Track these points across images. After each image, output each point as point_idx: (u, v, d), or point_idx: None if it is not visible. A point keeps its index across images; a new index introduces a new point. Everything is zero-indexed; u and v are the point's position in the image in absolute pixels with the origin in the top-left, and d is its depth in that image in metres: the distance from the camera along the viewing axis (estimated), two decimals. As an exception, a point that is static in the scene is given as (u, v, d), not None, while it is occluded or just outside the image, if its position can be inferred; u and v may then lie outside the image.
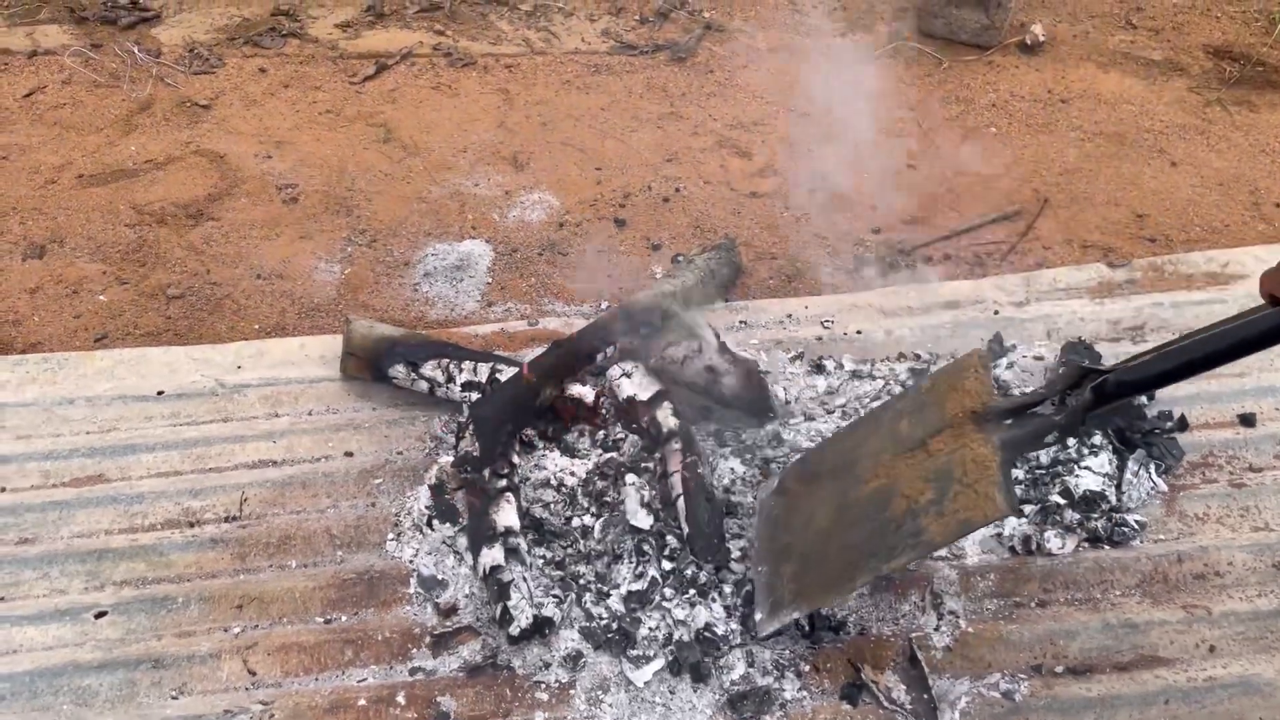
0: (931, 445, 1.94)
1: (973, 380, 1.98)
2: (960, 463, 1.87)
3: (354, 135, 3.59)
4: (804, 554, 2.03)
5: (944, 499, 1.84)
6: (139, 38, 4.02)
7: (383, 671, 2.09)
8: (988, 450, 1.85)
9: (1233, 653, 2.12)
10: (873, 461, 2.03)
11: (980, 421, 1.91)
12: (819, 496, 2.10)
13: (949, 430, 1.93)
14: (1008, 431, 1.89)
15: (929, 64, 4.00)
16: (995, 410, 1.92)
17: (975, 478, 1.82)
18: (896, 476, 1.96)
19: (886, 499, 1.94)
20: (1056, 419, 1.86)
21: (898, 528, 1.88)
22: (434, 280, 3.05)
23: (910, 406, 2.09)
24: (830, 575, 1.95)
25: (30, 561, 2.26)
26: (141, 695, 2.05)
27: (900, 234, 3.21)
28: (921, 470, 1.92)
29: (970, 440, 1.88)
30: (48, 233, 3.17)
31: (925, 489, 1.88)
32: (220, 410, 2.58)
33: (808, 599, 1.97)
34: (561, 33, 4.13)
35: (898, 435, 2.04)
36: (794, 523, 2.11)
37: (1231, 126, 3.69)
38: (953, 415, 1.95)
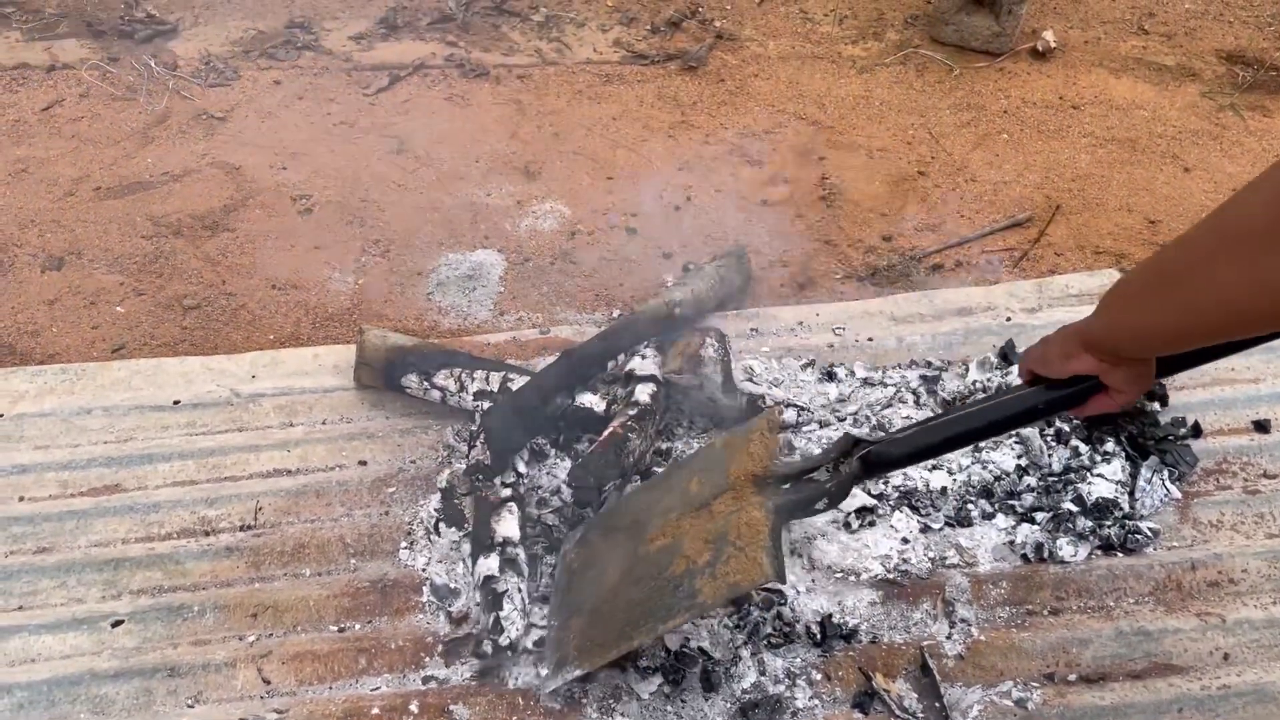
0: (714, 506, 1.95)
1: (758, 444, 1.99)
2: (736, 525, 1.88)
3: (367, 146, 3.62)
4: (593, 609, 2.02)
5: (718, 561, 1.85)
6: (155, 51, 4.06)
7: (396, 680, 2.10)
8: (761, 515, 1.87)
9: (1247, 660, 2.11)
10: (662, 520, 2.03)
11: (760, 485, 1.92)
12: (614, 552, 2.09)
13: (730, 492, 1.95)
14: (783, 496, 1.90)
15: (940, 71, 4.00)
16: (775, 475, 1.93)
17: (746, 541, 1.84)
18: (680, 536, 1.97)
19: (670, 558, 1.94)
20: (827, 485, 1.88)
21: (675, 588, 1.88)
22: (447, 290, 3.06)
23: (701, 465, 2.09)
24: (610, 633, 1.94)
25: (48, 570, 2.28)
26: (158, 704, 2.07)
27: (911, 241, 3.22)
28: (703, 531, 1.93)
29: (748, 504, 1.90)
30: (66, 244, 3.20)
31: (704, 550, 1.89)
32: (235, 420, 2.60)
33: (588, 657, 1.95)
34: (573, 43, 4.15)
35: (688, 494, 2.04)
36: (588, 577, 2.10)
37: (1245, 132, 3.68)
38: (735, 478, 1.96)
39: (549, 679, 2.01)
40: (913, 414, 2.51)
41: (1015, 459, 2.41)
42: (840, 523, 2.27)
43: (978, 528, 2.32)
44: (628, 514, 2.17)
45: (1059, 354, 1.61)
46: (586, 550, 2.18)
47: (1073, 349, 1.58)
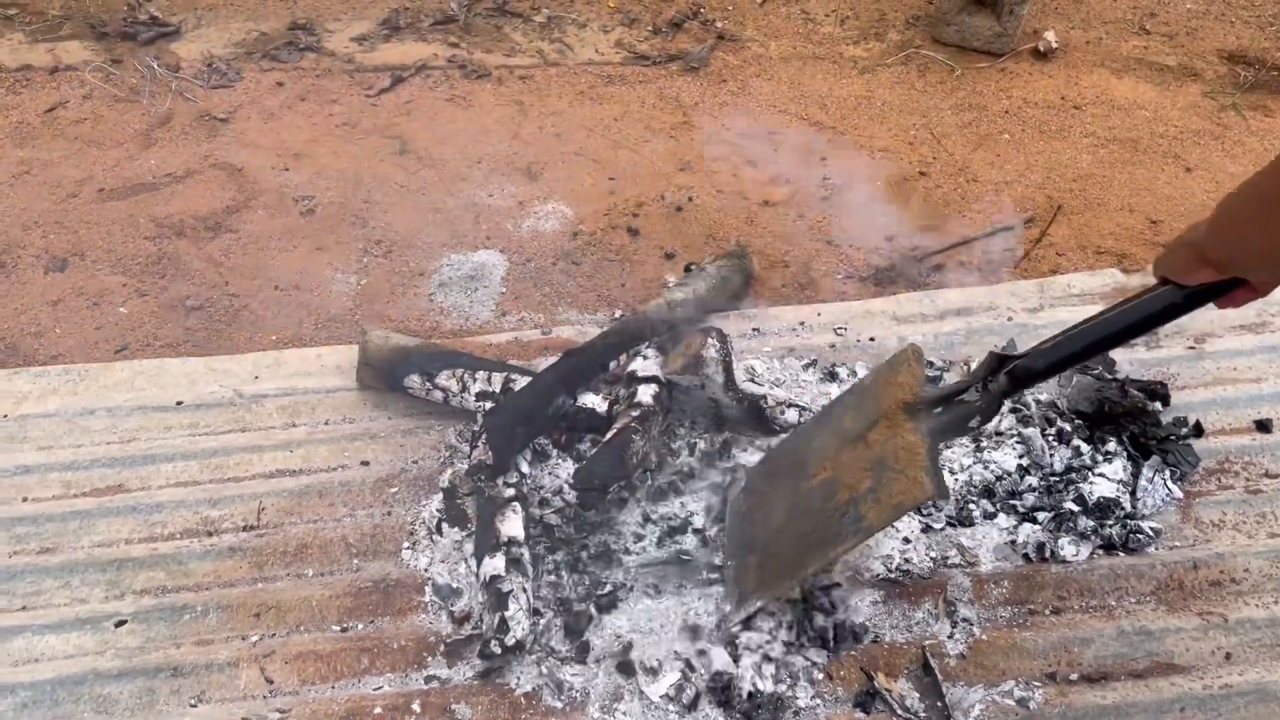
0: (869, 437, 2.06)
1: (905, 374, 2.09)
2: (893, 451, 1.99)
3: (370, 147, 3.63)
4: (765, 547, 2.16)
5: (879, 486, 1.96)
6: (158, 53, 4.07)
7: (398, 679, 2.11)
8: (916, 438, 1.97)
9: (1249, 660, 2.11)
10: (820, 456, 2.16)
11: (911, 412, 2.02)
12: (778, 493, 2.22)
13: (884, 422, 2.05)
14: (935, 420, 2.00)
15: (941, 71, 4.00)
16: (924, 400, 2.02)
17: (905, 464, 1.94)
18: (840, 468, 2.09)
19: (833, 490, 2.06)
20: (977, 404, 1.96)
21: (842, 516, 2.00)
22: (449, 290, 3.07)
23: (852, 402, 2.21)
24: (785, 565, 2.08)
25: (51, 571, 2.29)
26: (161, 703, 2.07)
27: (913, 241, 3.22)
28: (861, 461, 2.04)
29: (902, 430, 2.00)
30: (69, 246, 3.21)
31: (865, 478, 2.00)
32: (238, 420, 2.61)
33: (767, 589, 2.09)
34: (575, 44, 4.16)
35: (842, 430, 2.16)
36: (756, 518, 2.23)
37: (1246, 131, 3.67)
38: (887, 408, 2.06)
39: (733, 613, 2.12)
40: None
41: (1016, 459, 2.41)
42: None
43: (979, 527, 2.32)
44: (787, 456, 2.30)
45: (1183, 266, 1.64)
46: (752, 496, 2.30)
47: (1194, 263, 1.61)
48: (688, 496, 2.37)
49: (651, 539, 2.29)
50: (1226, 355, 2.69)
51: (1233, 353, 2.70)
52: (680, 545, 2.27)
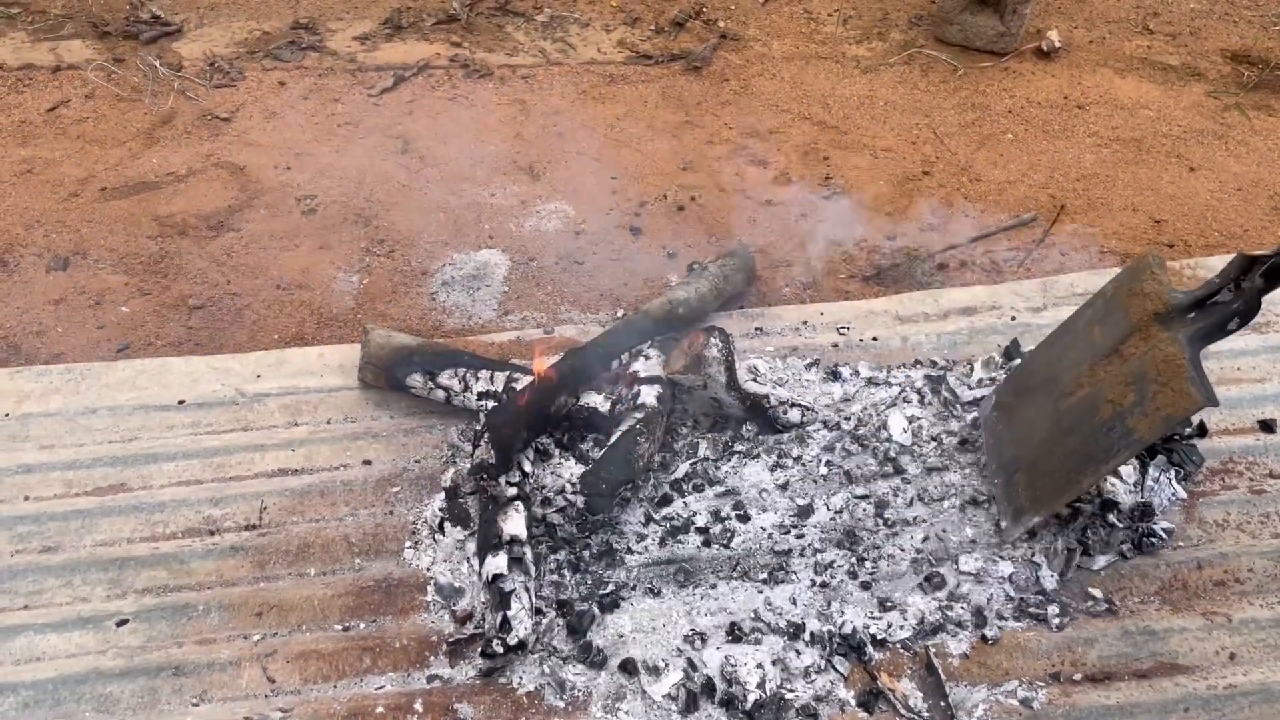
0: (1125, 350, 2.10)
1: (1150, 283, 2.13)
2: (1153, 363, 2.03)
3: (372, 146, 3.62)
4: (1032, 463, 2.21)
5: (1145, 399, 2.01)
6: (160, 52, 4.07)
7: (400, 679, 2.10)
8: (1175, 349, 2.00)
9: (1253, 660, 2.10)
10: (1075, 372, 2.20)
11: (1165, 321, 2.06)
12: (1034, 409, 2.27)
13: (1137, 334, 2.09)
14: (1191, 326, 2.03)
15: (944, 71, 4.00)
16: (1177, 307, 2.06)
17: (1169, 376, 1.98)
18: (1099, 383, 2.13)
19: (1095, 406, 2.11)
20: (1235, 306, 1.99)
21: (1109, 430, 2.05)
22: (451, 290, 3.07)
23: (1098, 315, 2.23)
24: (1059, 481, 2.14)
25: (54, 570, 2.29)
26: (163, 702, 2.07)
27: (916, 240, 3.21)
28: (1121, 375, 2.09)
29: (1158, 341, 2.04)
30: (71, 245, 3.21)
31: (1127, 392, 2.05)
32: (240, 419, 2.61)
33: (1044, 504, 2.16)
34: (577, 43, 4.15)
35: (1093, 344, 2.19)
36: (1015, 435, 2.29)
37: (1250, 131, 3.67)
38: (1138, 319, 2.11)
39: (1011, 528, 2.21)
40: (917, 413, 2.51)
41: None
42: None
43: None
44: (1036, 374, 2.34)
45: None
46: (1005, 413, 2.35)
47: None
48: (691, 497, 2.37)
49: (654, 539, 2.29)
50: (1230, 355, 2.68)
51: (1237, 353, 2.69)
52: (683, 545, 2.27)
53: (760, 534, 2.29)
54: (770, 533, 2.29)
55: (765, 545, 2.27)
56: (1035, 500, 2.17)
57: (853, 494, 2.36)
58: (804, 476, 2.39)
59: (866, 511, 2.32)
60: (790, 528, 2.30)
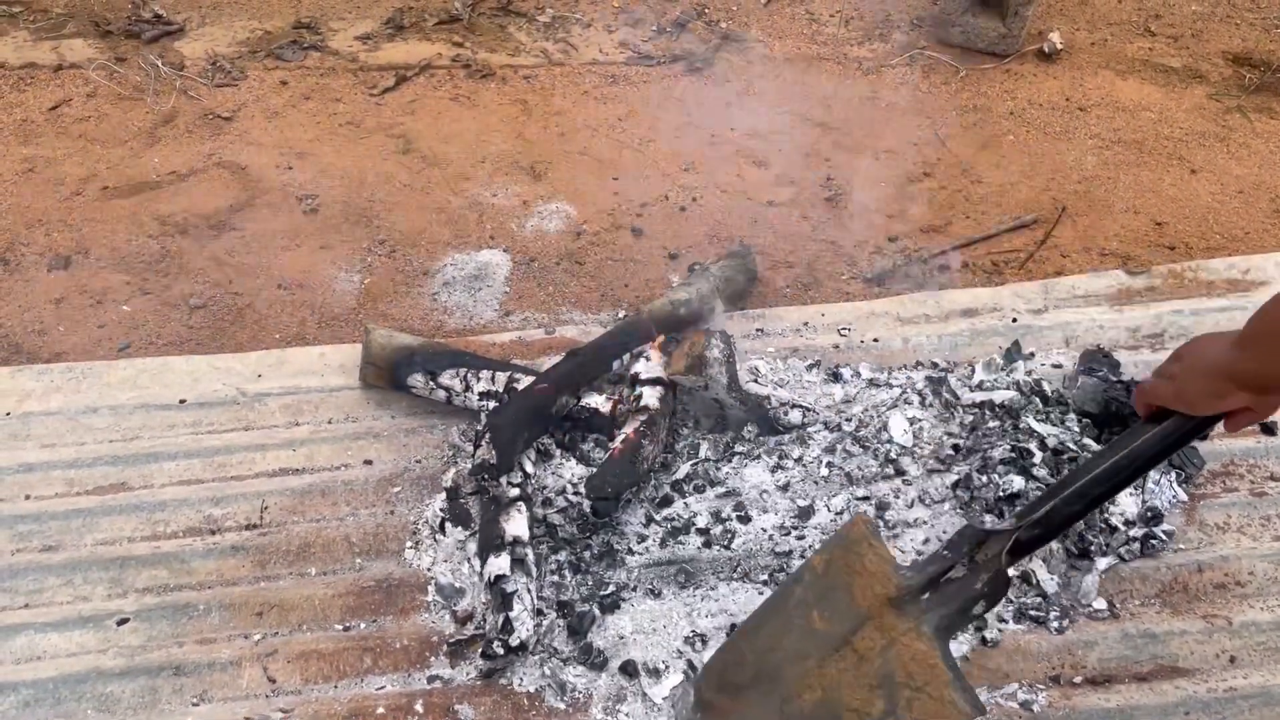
0: (858, 644, 1.74)
1: (871, 558, 1.78)
2: (900, 663, 1.70)
3: (374, 146, 3.63)
4: None
5: (897, 708, 1.68)
6: (162, 51, 4.07)
7: (401, 679, 2.10)
8: (924, 645, 1.69)
9: (1254, 663, 2.10)
10: (798, 668, 1.80)
11: (899, 606, 1.73)
12: (753, 712, 1.85)
13: (870, 623, 1.74)
14: (933, 612, 1.72)
15: (946, 72, 4.00)
16: (909, 588, 1.73)
17: (924, 680, 1.66)
18: (834, 686, 1.75)
19: (834, 713, 1.74)
20: (979, 587, 1.71)
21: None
22: (452, 290, 3.07)
23: (814, 596, 1.84)
24: None
25: (54, 569, 2.29)
26: (163, 702, 2.07)
27: (917, 242, 3.21)
28: (861, 677, 1.73)
29: (898, 634, 1.71)
30: (73, 244, 3.21)
31: (873, 699, 1.70)
32: (241, 419, 2.61)
33: None
34: (579, 44, 4.15)
35: (814, 633, 1.81)
36: None
37: (1251, 133, 3.67)
38: (867, 605, 1.75)
39: None
40: (918, 415, 2.51)
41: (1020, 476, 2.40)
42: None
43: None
44: (746, 667, 1.88)
45: (1205, 393, 1.52)
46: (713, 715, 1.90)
47: (1223, 388, 1.50)
48: (691, 498, 2.37)
49: (655, 540, 2.29)
50: (1231, 358, 2.68)
51: (1238, 355, 2.69)
52: (684, 546, 2.27)
53: (761, 535, 2.29)
54: (771, 534, 2.29)
55: (766, 546, 2.27)
56: None
57: (854, 495, 2.36)
58: (805, 478, 2.40)
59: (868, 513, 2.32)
60: (791, 529, 2.30)
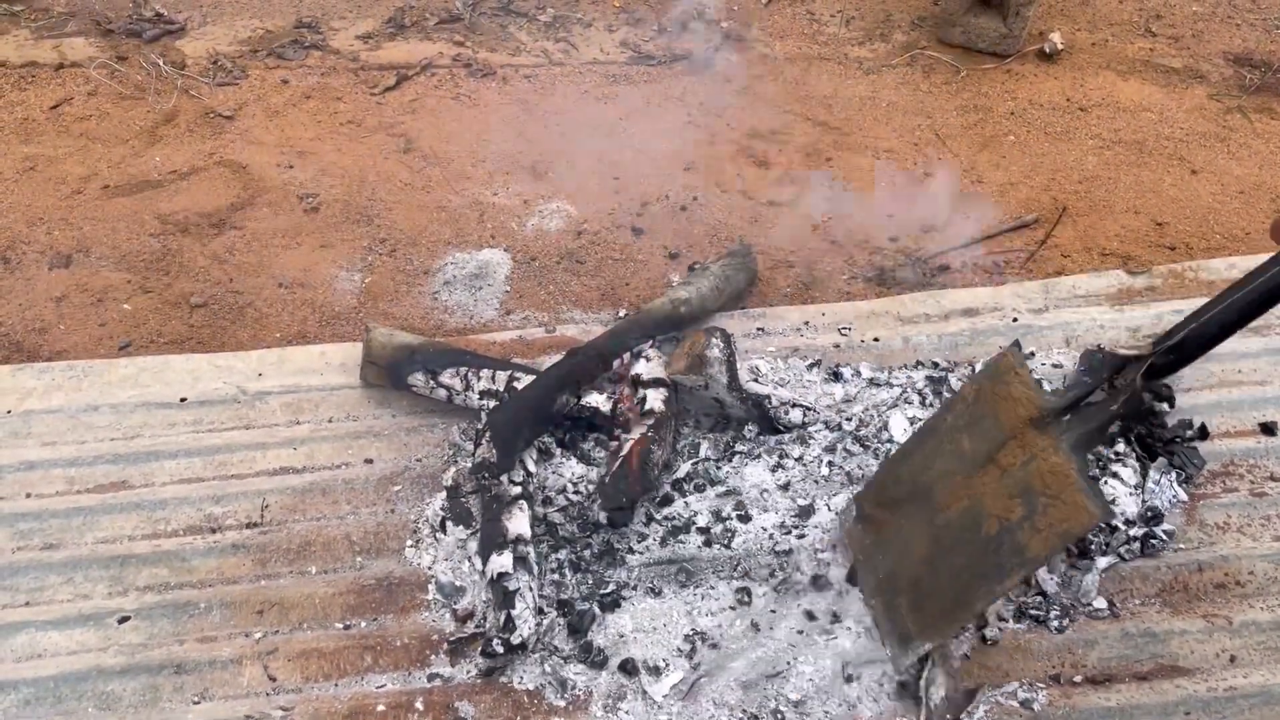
0: (1001, 460, 1.94)
1: (1016, 385, 1.98)
2: (1038, 475, 1.88)
3: (375, 145, 3.63)
4: (914, 583, 2.04)
5: (1035, 514, 1.85)
6: (163, 50, 4.07)
7: (401, 677, 2.11)
8: (1060, 459, 1.86)
9: (1254, 663, 2.10)
10: (947, 483, 2.03)
11: (1041, 427, 1.92)
12: (907, 523, 2.09)
13: (1013, 441, 1.94)
14: (1071, 431, 1.90)
15: (947, 72, 4.00)
16: (1050, 410, 1.92)
17: (1059, 489, 1.83)
18: (978, 496, 1.96)
19: (977, 521, 1.95)
20: (1114, 408, 1.87)
21: (997, 548, 1.89)
22: (453, 289, 3.07)
23: (963, 421, 2.07)
24: (945, 603, 1.97)
25: (55, 567, 2.29)
26: (164, 700, 2.07)
27: (918, 242, 3.21)
28: (1003, 487, 1.93)
29: (1039, 450, 1.89)
30: (74, 242, 3.21)
31: (1013, 506, 1.89)
32: (242, 417, 2.61)
33: (934, 630, 1.98)
34: (580, 43, 4.15)
35: (962, 454, 2.03)
36: (890, 551, 2.11)
37: (1252, 134, 3.67)
38: (1011, 426, 1.95)
39: (899, 658, 2.01)
40: (919, 415, 2.51)
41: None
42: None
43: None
44: (901, 485, 2.15)
45: None
46: (872, 526, 2.18)
47: None
48: (692, 497, 2.37)
49: (655, 539, 2.29)
50: (1231, 358, 2.68)
51: (1238, 355, 2.69)
52: (684, 545, 2.27)
53: (761, 534, 2.29)
54: (771, 533, 2.29)
55: (766, 545, 2.27)
56: (923, 626, 1.99)
57: (854, 494, 2.36)
58: (805, 477, 2.40)
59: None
60: (791, 528, 2.30)
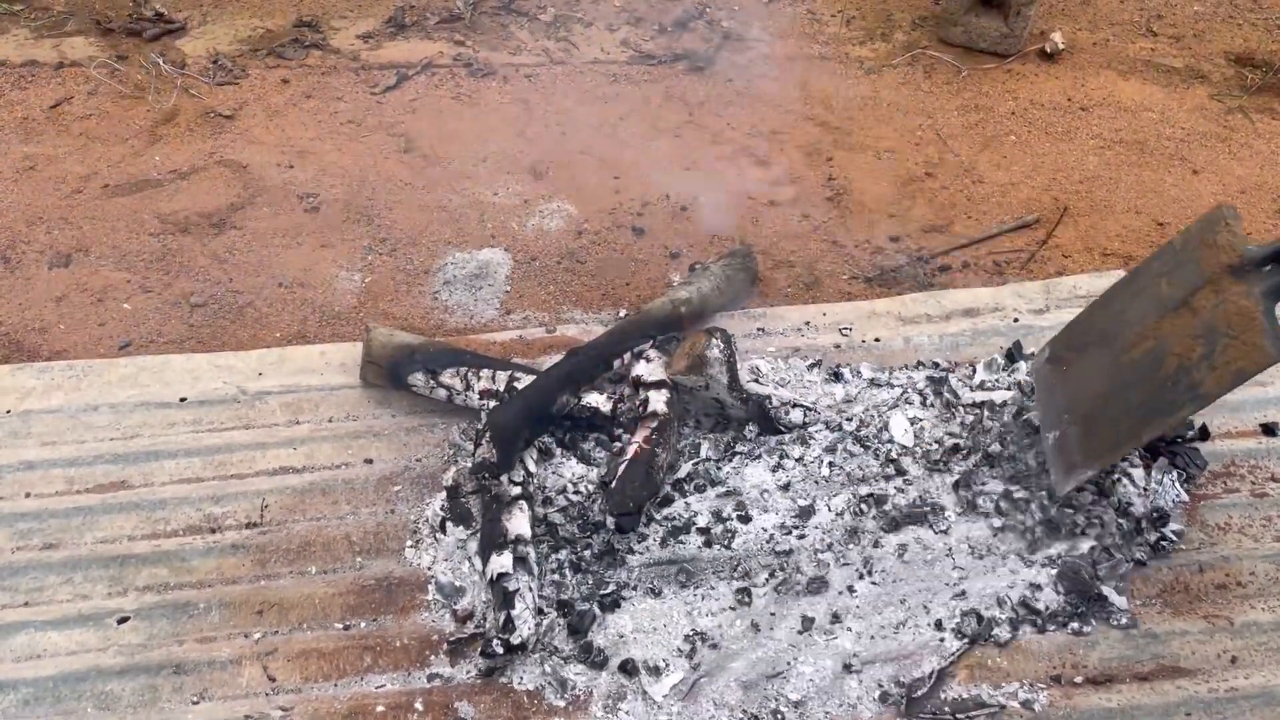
0: (1195, 303, 2.04)
1: (1224, 234, 2.07)
2: (1225, 317, 1.98)
3: (375, 145, 3.62)
4: (1087, 417, 2.17)
5: (1213, 353, 1.96)
6: (164, 49, 4.07)
7: (401, 678, 2.10)
8: (1249, 303, 1.95)
9: (1255, 663, 2.10)
10: (1139, 325, 2.15)
11: (1239, 274, 2.00)
12: (1091, 362, 2.23)
13: (1208, 286, 2.03)
14: (1266, 280, 1.97)
15: (948, 72, 3.99)
16: (1251, 260, 1.99)
17: (1241, 329, 1.93)
18: (1164, 336, 2.07)
19: (1159, 359, 2.06)
20: None
21: (1173, 384, 2.01)
22: (453, 288, 3.06)
23: (1166, 267, 2.18)
24: (1117, 434, 2.10)
25: (54, 567, 2.29)
26: (163, 700, 2.07)
27: (919, 242, 3.21)
28: (1189, 328, 2.03)
29: (1231, 294, 1.99)
30: (74, 242, 3.21)
31: (1195, 346, 2.00)
32: (242, 417, 2.61)
33: (1099, 457, 2.12)
34: (581, 43, 4.15)
35: (1160, 297, 2.13)
36: (1070, 389, 2.25)
37: (1253, 134, 3.66)
38: (1210, 271, 2.04)
39: (1061, 481, 2.17)
40: (920, 415, 2.51)
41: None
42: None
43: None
44: (1094, 327, 2.29)
45: None
46: (1060, 366, 2.32)
47: None
48: (692, 497, 2.37)
49: (655, 539, 2.29)
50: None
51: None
52: (684, 545, 2.27)
53: (761, 534, 2.29)
54: (771, 533, 2.29)
55: (766, 546, 2.27)
56: (1090, 454, 2.13)
57: (855, 494, 2.35)
58: (806, 477, 2.39)
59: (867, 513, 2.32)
60: (792, 528, 2.30)
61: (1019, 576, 2.22)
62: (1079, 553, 2.23)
